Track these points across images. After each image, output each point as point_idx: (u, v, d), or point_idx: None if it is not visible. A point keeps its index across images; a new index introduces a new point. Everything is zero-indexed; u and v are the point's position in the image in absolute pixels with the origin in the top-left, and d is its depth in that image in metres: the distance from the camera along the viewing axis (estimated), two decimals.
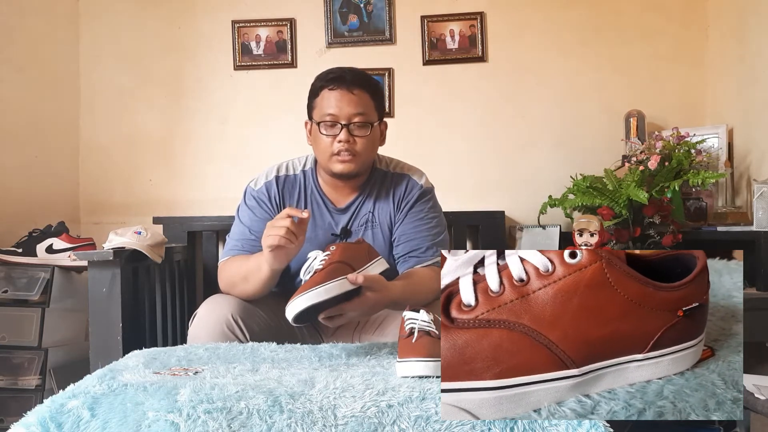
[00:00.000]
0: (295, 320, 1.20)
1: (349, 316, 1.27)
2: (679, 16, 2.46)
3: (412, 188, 1.61)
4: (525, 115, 2.50)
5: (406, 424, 0.87)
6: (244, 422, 0.88)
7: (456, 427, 0.85)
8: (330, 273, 1.21)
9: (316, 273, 1.23)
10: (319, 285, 1.19)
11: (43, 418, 0.90)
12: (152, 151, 2.58)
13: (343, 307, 1.24)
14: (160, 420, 0.88)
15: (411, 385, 0.96)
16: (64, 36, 2.55)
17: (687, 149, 2.06)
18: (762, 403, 1.11)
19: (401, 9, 2.52)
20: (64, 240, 2.06)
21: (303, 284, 1.21)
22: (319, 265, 1.24)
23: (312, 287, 1.18)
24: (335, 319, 1.27)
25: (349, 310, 1.25)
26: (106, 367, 1.14)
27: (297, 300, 1.18)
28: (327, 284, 1.19)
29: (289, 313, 1.19)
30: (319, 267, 1.24)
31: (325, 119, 1.51)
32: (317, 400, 0.92)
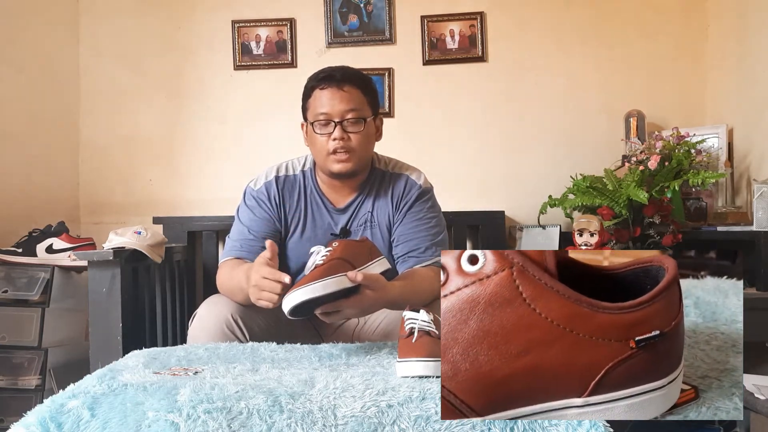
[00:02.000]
0: (291, 313, 1.20)
1: (346, 314, 1.26)
2: (679, 16, 2.46)
3: (410, 188, 1.61)
4: (525, 114, 2.50)
5: (406, 424, 0.86)
6: (244, 422, 0.88)
7: (456, 427, 0.84)
8: (329, 269, 1.21)
9: (316, 268, 1.22)
10: (317, 280, 1.18)
11: (43, 418, 0.90)
12: (152, 151, 2.58)
13: (341, 304, 1.24)
14: (160, 420, 0.88)
15: (411, 385, 0.96)
16: (64, 36, 2.55)
17: (687, 149, 2.06)
18: (762, 403, 1.11)
19: (401, 9, 2.52)
20: (64, 240, 2.06)
21: (302, 278, 1.21)
22: (320, 260, 1.24)
23: (310, 282, 1.18)
24: (332, 316, 1.26)
25: (346, 308, 1.25)
26: (106, 367, 1.14)
27: (294, 293, 1.18)
28: (325, 280, 1.18)
29: (285, 305, 1.19)
30: (320, 262, 1.24)
31: (318, 118, 1.52)
32: (317, 400, 0.92)
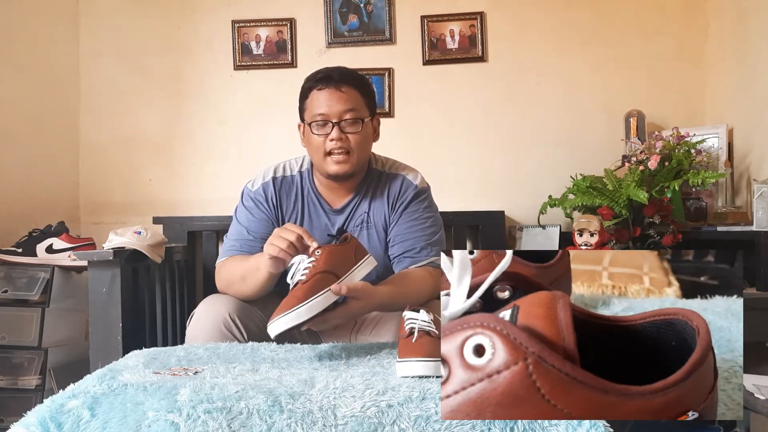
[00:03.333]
0: (277, 339, 1.20)
1: (334, 323, 1.27)
2: (679, 16, 2.46)
3: (406, 188, 1.61)
4: (525, 114, 2.50)
5: (406, 424, 0.86)
6: (244, 422, 0.88)
7: (456, 427, 0.84)
8: (313, 287, 1.19)
9: (299, 285, 1.20)
10: (301, 303, 1.16)
11: (43, 418, 0.90)
12: (152, 151, 2.58)
13: (327, 316, 1.23)
14: (160, 420, 0.88)
15: (411, 385, 0.96)
16: (64, 36, 2.54)
17: (687, 149, 2.06)
18: (762, 403, 1.11)
19: (401, 9, 2.52)
20: (64, 240, 2.06)
21: (285, 300, 1.19)
22: (302, 274, 1.22)
23: (295, 306, 1.16)
24: (320, 325, 1.27)
25: (333, 318, 1.25)
26: (106, 367, 1.14)
27: (279, 321, 1.16)
28: (309, 302, 1.17)
29: (271, 332, 1.18)
30: (302, 278, 1.21)
31: (315, 119, 1.52)
32: (317, 400, 0.92)
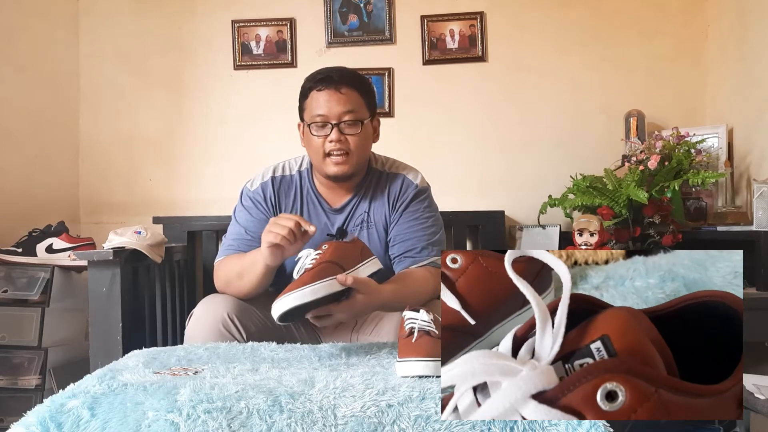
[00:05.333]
0: (280, 319, 1.20)
1: (338, 318, 1.27)
2: (679, 16, 2.46)
3: (407, 188, 1.61)
4: (525, 114, 2.50)
5: (405, 424, 0.86)
6: (244, 422, 0.88)
7: (456, 426, 0.85)
8: (319, 273, 1.20)
9: (306, 272, 1.22)
10: (306, 285, 1.17)
11: (43, 418, 0.90)
12: (152, 150, 2.58)
13: (331, 308, 1.24)
14: (160, 420, 0.88)
15: (411, 385, 0.96)
16: (64, 36, 2.55)
17: (687, 149, 2.07)
18: (762, 403, 1.11)
19: (401, 9, 2.52)
20: (64, 240, 2.06)
21: (291, 283, 1.21)
22: (309, 263, 1.23)
23: (299, 287, 1.17)
24: (323, 320, 1.27)
25: (337, 312, 1.25)
26: (106, 367, 1.14)
27: (283, 299, 1.17)
28: (314, 285, 1.18)
29: (274, 312, 1.18)
30: (309, 266, 1.23)
31: (315, 120, 1.51)
32: (317, 400, 0.92)
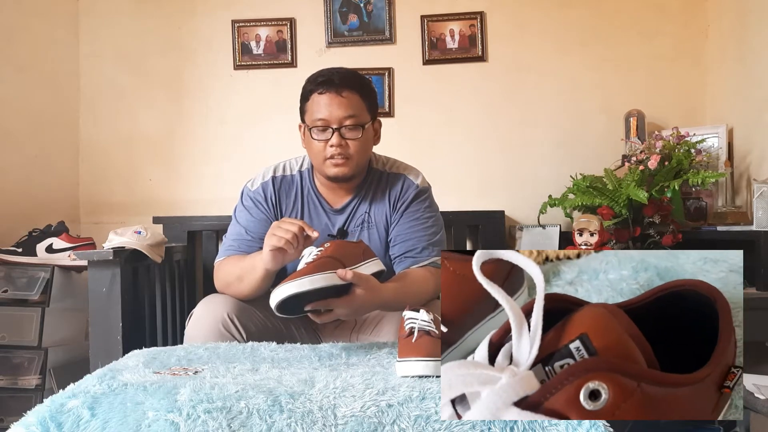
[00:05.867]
0: (279, 308, 1.19)
1: (338, 313, 1.26)
2: (679, 16, 2.46)
3: (407, 188, 1.60)
4: (525, 114, 2.50)
5: (405, 424, 0.86)
6: (244, 422, 0.88)
7: (456, 426, 0.85)
8: (319, 266, 1.20)
9: (306, 265, 1.22)
10: (305, 275, 1.18)
11: (43, 418, 0.90)
12: (152, 150, 2.58)
13: (331, 302, 1.24)
14: (160, 420, 0.88)
15: (411, 385, 0.96)
16: (64, 36, 2.55)
17: (687, 149, 2.07)
18: (762, 403, 1.11)
19: (401, 9, 2.52)
20: (64, 240, 2.06)
21: (291, 274, 1.21)
22: (311, 259, 1.24)
23: (298, 277, 1.18)
24: (323, 316, 1.26)
25: (337, 307, 1.25)
26: (106, 367, 1.14)
27: (282, 287, 1.17)
28: (314, 275, 1.18)
29: (272, 299, 1.19)
30: (311, 260, 1.23)
31: (316, 124, 1.50)
32: (317, 400, 0.92)
